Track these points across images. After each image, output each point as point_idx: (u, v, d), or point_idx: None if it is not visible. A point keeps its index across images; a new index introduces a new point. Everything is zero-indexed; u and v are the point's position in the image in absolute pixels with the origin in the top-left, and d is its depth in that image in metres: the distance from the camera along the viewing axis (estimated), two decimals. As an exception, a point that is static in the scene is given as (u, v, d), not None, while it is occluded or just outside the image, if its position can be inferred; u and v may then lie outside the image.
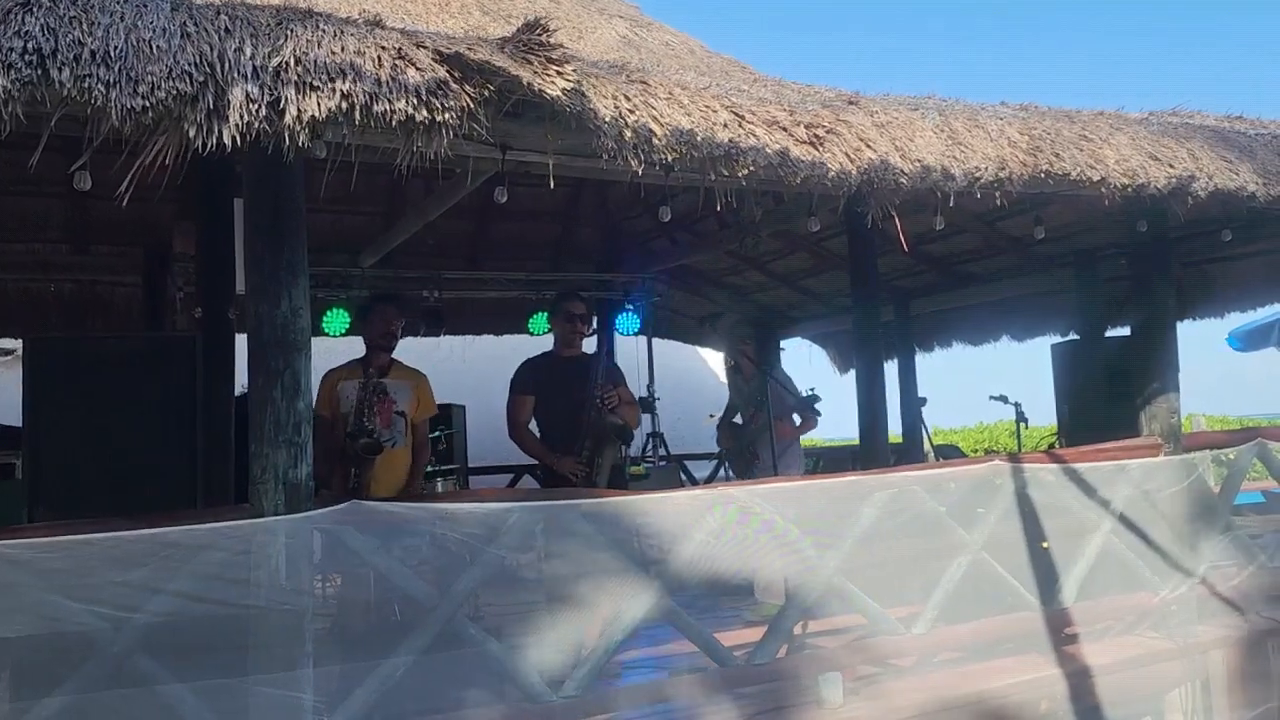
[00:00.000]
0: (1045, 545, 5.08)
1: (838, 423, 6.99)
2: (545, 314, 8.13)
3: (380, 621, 4.67)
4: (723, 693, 4.27)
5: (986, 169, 3.89)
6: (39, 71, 2.64)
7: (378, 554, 3.91)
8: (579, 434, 5.18)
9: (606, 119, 3.29)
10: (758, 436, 6.44)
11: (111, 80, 2.69)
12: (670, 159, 3.40)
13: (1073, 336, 7.31)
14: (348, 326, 7.44)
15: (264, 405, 3.65)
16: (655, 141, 3.36)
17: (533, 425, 5.29)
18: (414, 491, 5.16)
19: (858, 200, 3.90)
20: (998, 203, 4.13)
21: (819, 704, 4.30)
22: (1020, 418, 7.16)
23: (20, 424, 6.93)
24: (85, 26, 2.74)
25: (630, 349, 8.63)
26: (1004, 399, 7.20)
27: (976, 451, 12.33)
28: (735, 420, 7.26)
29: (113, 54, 2.72)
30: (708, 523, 4.28)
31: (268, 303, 3.68)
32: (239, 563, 3.62)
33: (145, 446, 3.79)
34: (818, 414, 6.75)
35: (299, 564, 3.65)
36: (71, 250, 6.99)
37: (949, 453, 8.71)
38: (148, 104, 2.73)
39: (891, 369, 7.79)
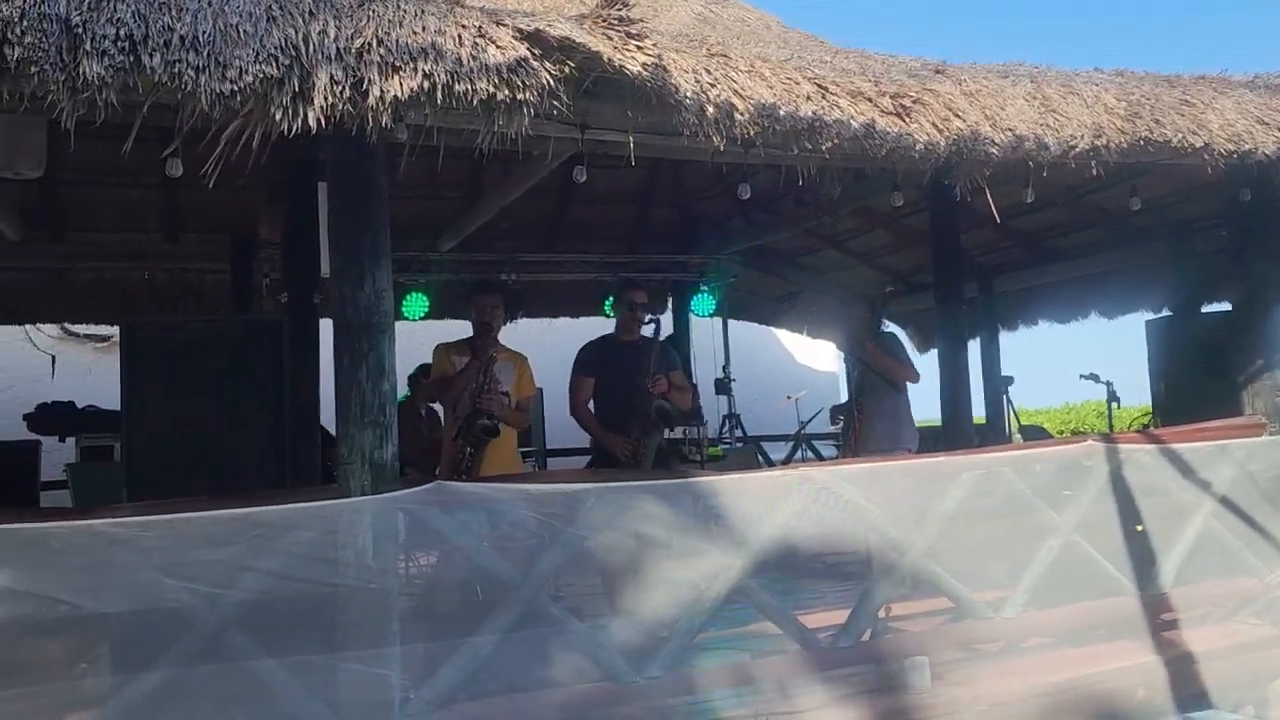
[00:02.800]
0: (1140, 528, 4.91)
1: (918, 403, 6.82)
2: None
3: (463, 601, 4.73)
4: (806, 676, 4.22)
5: (1082, 137, 3.74)
6: (131, 58, 2.69)
7: (461, 534, 3.94)
8: (631, 415, 5.29)
9: (688, 94, 3.24)
10: (867, 407, 6.20)
11: (201, 65, 2.73)
12: (752, 133, 3.34)
13: (1167, 313, 7.04)
14: (427, 310, 7.52)
15: (350, 387, 3.70)
16: (737, 116, 3.30)
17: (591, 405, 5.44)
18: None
19: (945, 173, 3.78)
20: (1093, 172, 3.97)
21: (905, 689, 4.22)
22: (1112, 397, 6.92)
23: (117, 408, 7.24)
24: (174, 12, 2.78)
25: (706, 330, 8.58)
26: (1095, 378, 6.97)
27: (1062, 432, 11.99)
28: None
29: (201, 39, 2.76)
30: (789, 503, 4.22)
31: (352, 285, 3.72)
32: (327, 542, 3.68)
33: (235, 428, 3.87)
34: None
35: (385, 544, 3.71)
36: (163, 239, 7.18)
37: (1035, 434, 8.46)
38: (236, 88, 2.76)
39: (974, 348, 7.58)
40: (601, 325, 7.72)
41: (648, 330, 5.51)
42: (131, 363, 3.83)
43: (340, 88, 2.87)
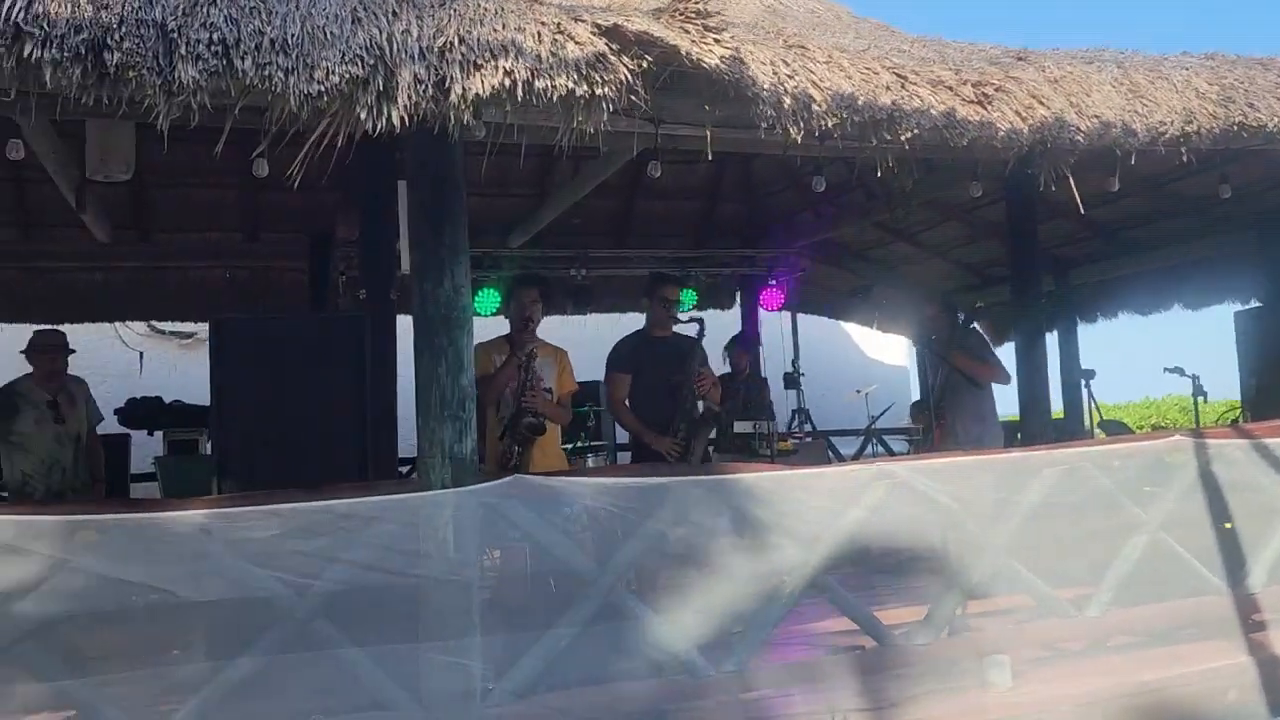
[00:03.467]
0: (1229, 525, 4.76)
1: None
2: (691, 290, 8.12)
3: (537, 593, 4.78)
4: (883, 672, 4.18)
5: (1172, 123, 3.64)
6: (224, 62, 2.77)
7: (540, 527, 3.98)
8: (674, 413, 5.27)
9: (765, 85, 3.23)
10: (950, 408, 6.11)
11: (290, 67, 2.80)
12: (830, 125, 3.31)
13: (1256, 304, 6.80)
14: (498, 306, 7.60)
15: (430, 382, 3.76)
16: (815, 107, 3.28)
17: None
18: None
19: (1027, 162, 3.70)
20: (1182, 159, 3.86)
21: (985, 687, 4.15)
22: (1198, 391, 6.71)
23: (200, 403, 7.45)
24: (264, 16, 2.86)
25: (774, 325, 8.54)
26: (1180, 371, 6.76)
27: (1143, 427, 11.66)
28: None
29: (290, 41, 2.83)
30: (866, 498, 4.18)
31: (431, 282, 3.78)
32: (409, 534, 3.74)
33: (319, 421, 3.96)
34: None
35: (465, 536, 3.76)
36: (244, 238, 7.39)
37: (1115, 428, 8.25)
38: (323, 89, 2.83)
39: (1051, 341, 7.41)
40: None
41: (688, 328, 5.48)
42: (221, 358, 3.95)
43: (423, 86, 2.92)
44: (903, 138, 3.40)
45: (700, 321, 5.53)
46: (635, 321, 8.79)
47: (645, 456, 5.22)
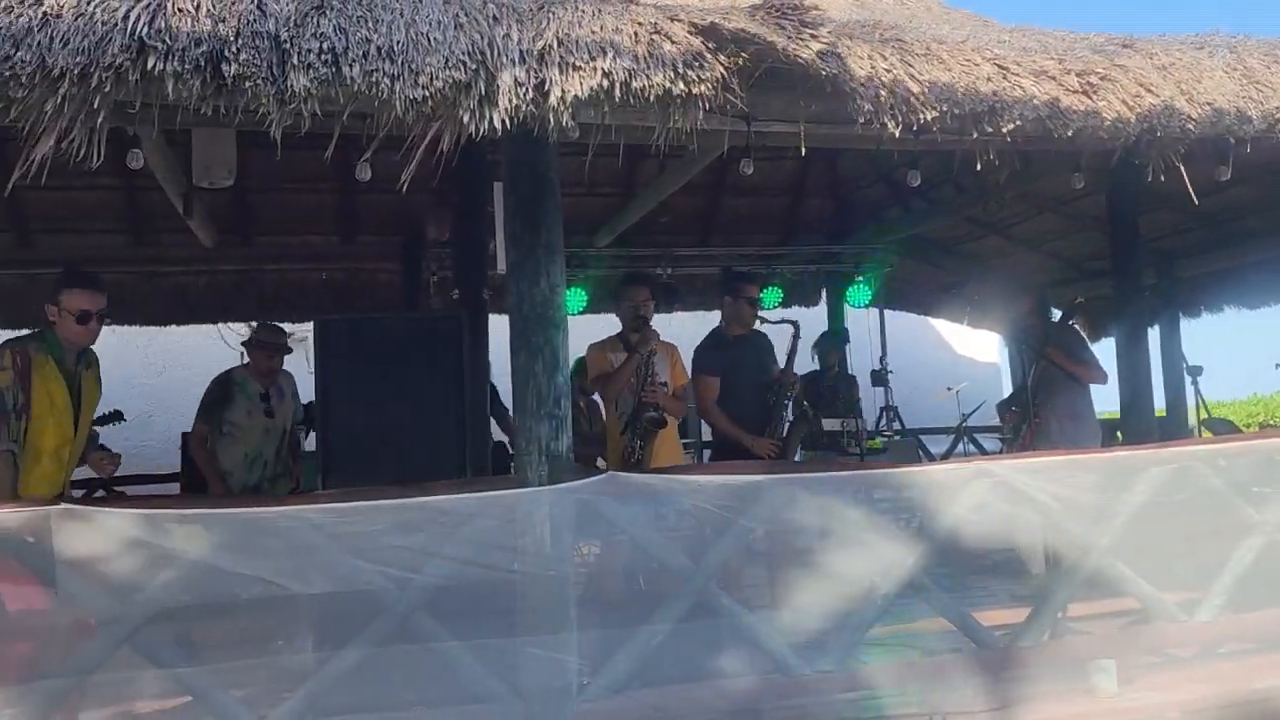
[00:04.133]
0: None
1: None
2: (777, 287, 8.09)
3: (628, 590, 4.81)
4: (983, 675, 4.10)
5: (1290, 108, 3.49)
6: (333, 70, 2.85)
7: (634, 524, 4.01)
8: (767, 412, 5.25)
9: (862, 79, 3.20)
10: (1045, 406, 5.97)
11: (396, 73, 2.87)
12: (929, 118, 3.26)
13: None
14: (585, 304, 7.67)
15: (526, 380, 3.82)
16: (913, 100, 3.23)
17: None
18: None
19: (1134, 152, 3.59)
20: (1302, 145, 3.70)
21: (1090, 692, 4.05)
22: (1312, 387, 6.40)
23: (301, 400, 7.66)
24: (371, 24, 2.93)
25: (861, 321, 8.44)
26: (1292, 367, 6.47)
27: (1250, 425, 11.20)
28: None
29: (396, 48, 2.90)
30: (965, 497, 4.11)
31: (528, 281, 3.83)
32: (506, 530, 3.81)
33: (419, 417, 4.05)
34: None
35: (562, 532, 3.80)
36: (340, 241, 7.59)
37: (1221, 427, 7.94)
38: (427, 94, 2.89)
39: (1153, 336, 7.16)
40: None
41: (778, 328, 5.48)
42: (324, 356, 4.07)
43: (523, 89, 2.96)
44: (1004, 130, 3.33)
45: (795, 324, 5.52)
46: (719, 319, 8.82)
47: (725, 456, 5.22)
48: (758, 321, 5.52)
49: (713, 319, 8.99)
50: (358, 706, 3.74)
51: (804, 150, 3.57)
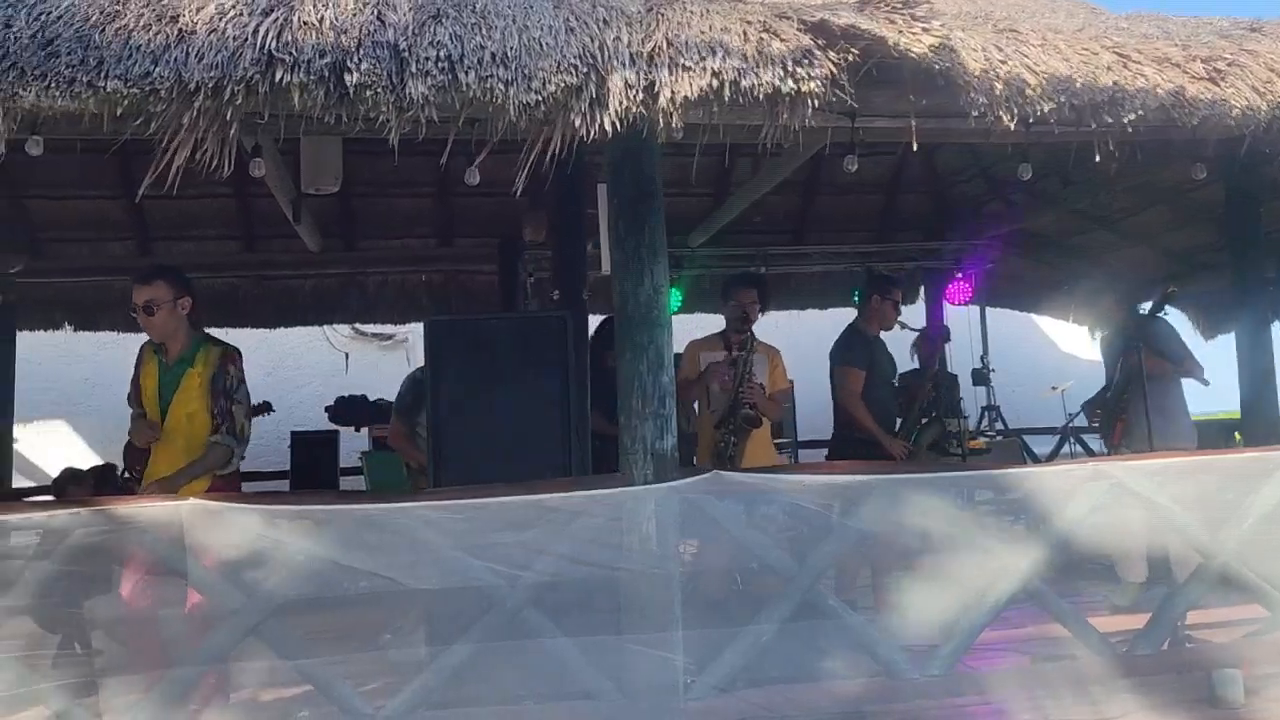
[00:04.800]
0: None
1: (1204, 393, 6.22)
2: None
3: (727, 589, 4.81)
4: (1098, 683, 3.98)
5: None
6: (449, 76, 2.92)
7: (737, 523, 4.01)
8: (903, 413, 5.29)
9: (975, 72, 3.14)
10: (1133, 403, 5.79)
11: (509, 79, 2.93)
12: (1045, 109, 3.18)
13: None
14: (680, 305, 7.68)
15: (631, 379, 3.85)
16: (1029, 92, 3.16)
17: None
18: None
19: (1265, 140, 3.44)
20: None
21: (1213, 703, 3.90)
22: None
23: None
24: (485, 31, 3.00)
25: (961, 319, 8.26)
26: None
27: (1378, 427, 10.59)
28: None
29: (509, 54, 2.95)
30: (1081, 499, 4.00)
31: (632, 282, 3.86)
32: (612, 528, 3.84)
33: (525, 417, 4.11)
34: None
35: (667, 530, 3.83)
36: (438, 244, 7.76)
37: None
38: (540, 98, 2.94)
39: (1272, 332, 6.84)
40: (848, 316, 7.59)
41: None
42: (434, 356, 4.16)
43: (633, 91, 2.99)
44: (1125, 120, 3.22)
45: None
46: (814, 318, 8.76)
47: (847, 453, 5.17)
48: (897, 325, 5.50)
49: (807, 318, 8.97)
50: (468, 700, 3.82)
51: (915, 145, 3.51)
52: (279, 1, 2.98)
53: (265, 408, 7.03)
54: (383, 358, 9.30)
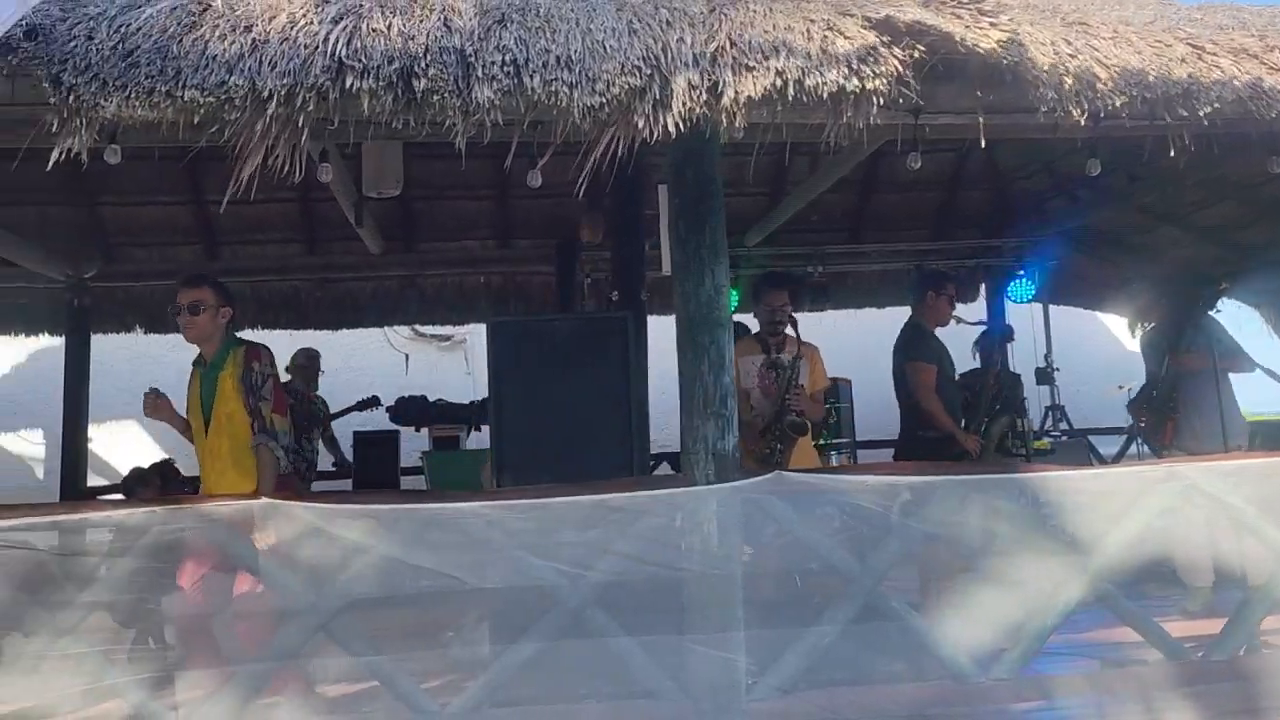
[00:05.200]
0: None
1: (1266, 392, 6.06)
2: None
3: (786, 590, 4.78)
4: (1171, 689, 3.90)
5: None
6: (514, 80, 2.95)
7: (800, 523, 3.98)
8: (969, 408, 5.19)
9: (1044, 66, 3.09)
10: (1184, 401, 5.68)
11: (573, 82, 2.95)
12: (1118, 104, 3.12)
13: None
14: (736, 305, 7.65)
15: (693, 380, 3.85)
16: (1100, 86, 3.10)
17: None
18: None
19: (1349, 131, 3.34)
20: None
21: (1290, 711, 3.79)
22: None
23: (459, 400, 7.94)
24: (549, 34, 3.02)
25: (1024, 317, 8.13)
26: None
27: None
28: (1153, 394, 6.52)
29: (573, 57, 2.97)
30: (1152, 501, 3.91)
31: (693, 282, 3.86)
32: (674, 528, 3.85)
33: (587, 417, 4.14)
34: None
35: (729, 531, 3.82)
36: (496, 245, 7.83)
37: None
38: (604, 100, 2.95)
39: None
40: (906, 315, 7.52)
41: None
42: (496, 356, 4.20)
43: (697, 92, 2.99)
44: (1201, 113, 3.15)
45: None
46: (872, 316, 8.68)
47: (917, 452, 5.11)
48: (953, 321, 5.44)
49: (865, 316, 8.89)
50: (531, 698, 3.86)
51: (983, 142, 3.46)
52: (348, 10, 3.03)
53: (373, 402, 7.18)
54: (442, 358, 9.41)
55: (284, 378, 6.43)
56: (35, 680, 3.67)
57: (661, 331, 5.51)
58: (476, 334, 9.21)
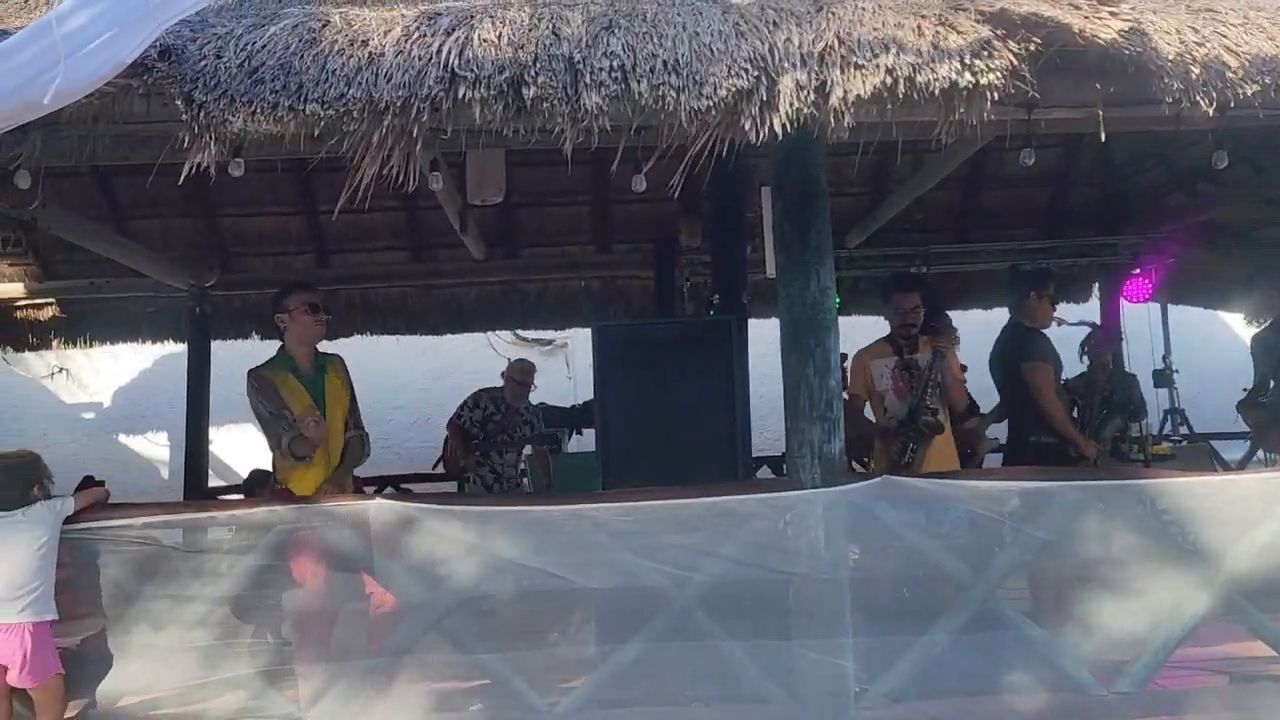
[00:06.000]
0: None
1: None
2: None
3: (893, 597, 4.69)
4: (1309, 707, 3.70)
5: None
6: (622, 86, 2.97)
7: (909, 529, 3.91)
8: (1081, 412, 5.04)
9: (1169, 56, 2.97)
10: None
11: (681, 85, 2.96)
12: (1250, 93, 2.98)
13: None
14: (838, 307, 7.55)
15: (798, 383, 3.82)
16: (1229, 75, 2.97)
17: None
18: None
19: None
20: None
21: None
22: None
23: (562, 404, 8.03)
24: (656, 39, 3.03)
25: (1141, 317, 7.82)
26: None
27: None
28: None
29: (681, 61, 2.98)
30: (1282, 511, 3.72)
31: (798, 285, 3.83)
32: (780, 532, 3.83)
33: (691, 421, 4.15)
34: None
35: (836, 535, 3.78)
36: (596, 250, 7.90)
37: None
38: (711, 103, 2.96)
39: None
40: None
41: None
42: (602, 361, 4.24)
43: (804, 92, 2.97)
44: (1342, 96, 2.99)
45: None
46: (980, 318, 8.45)
47: (1027, 458, 4.97)
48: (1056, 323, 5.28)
49: (971, 318, 8.65)
50: (637, 699, 3.87)
51: (1103, 136, 3.34)
52: (460, 21, 3.10)
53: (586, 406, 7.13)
54: (543, 362, 9.52)
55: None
56: (165, 670, 3.85)
57: (756, 334, 5.50)
58: (577, 338, 9.32)
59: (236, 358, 8.77)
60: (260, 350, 8.72)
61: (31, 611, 3.53)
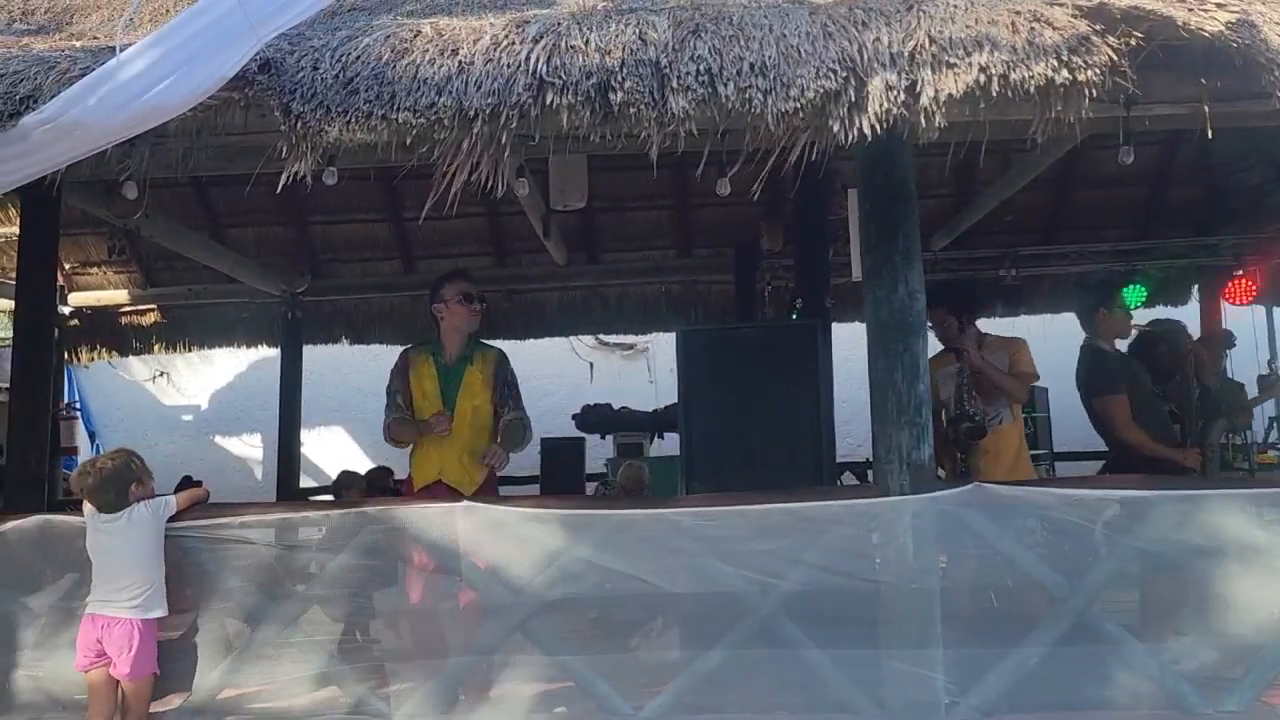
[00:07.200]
0: None
1: None
2: (1135, 286, 7.39)
3: (980, 607, 4.57)
4: None
5: None
6: (709, 90, 2.96)
7: (1001, 538, 3.81)
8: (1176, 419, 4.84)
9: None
10: None
11: (768, 88, 2.93)
12: (1374, 83, 2.83)
13: None
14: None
15: (885, 388, 3.75)
16: (1344, 67, 2.83)
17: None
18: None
19: None
20: None
21: None
22: None
23: (642, 409, 8.05)
24: (743, 42, 3.02)
25: (1245, 320, 7.50)
26: None
27: None
28: None
29: (768, 63, 2.96)
30: None
31: (885, 288, 3.77)
32: (867, 539, 3.76)
33: (776, 426, 4.11)
34: None
35: (925, 543, 3.70)
36: (676, 255, 7.91)
37: None
38: (798, 105, 2.93)
39: None
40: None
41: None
42: (686, 365, 4.23)
43: (894, 92, 2.92)
44: None
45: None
46: (1072, 321, 8.20)
47: (1130, 470, 4.79)
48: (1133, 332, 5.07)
49: (1063, 321, 8.40)
50: (721, 706, 3.84)
51: (1209, 133, 3.22)
52: (548, 28, 3.13)
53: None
54: (625, 367, 9.57)
55: None
56: (258, 666, 3.95)
57: (838, 338, 5.43)
58: (658, 343, 9.34)
59: (327, 360, 9.07)
60: (350, 355, 8.98)
61: (142, 608, 3.67)
